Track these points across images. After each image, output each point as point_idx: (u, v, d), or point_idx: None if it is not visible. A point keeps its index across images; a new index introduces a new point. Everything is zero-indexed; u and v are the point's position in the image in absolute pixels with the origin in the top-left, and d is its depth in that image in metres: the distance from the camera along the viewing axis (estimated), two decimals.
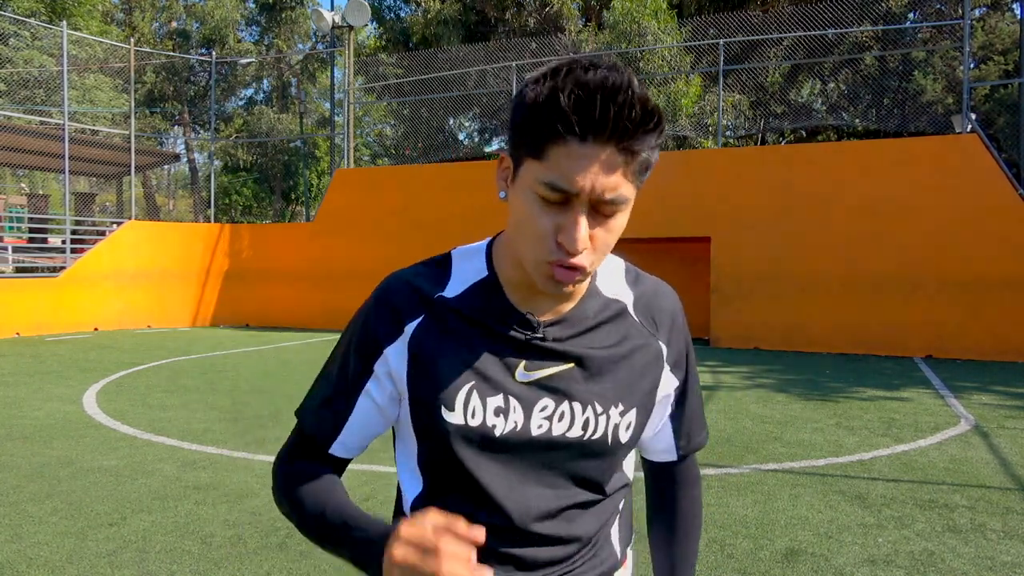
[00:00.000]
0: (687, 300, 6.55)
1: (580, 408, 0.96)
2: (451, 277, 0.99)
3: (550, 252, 0.86)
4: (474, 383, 0.95)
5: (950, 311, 11.34)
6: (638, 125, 0.81)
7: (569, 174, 0.82)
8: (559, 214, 0.85)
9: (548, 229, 0.86)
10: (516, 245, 0.92)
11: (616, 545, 1.07)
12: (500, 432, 0.94)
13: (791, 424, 6.47)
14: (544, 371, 0.96)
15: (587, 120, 0.80)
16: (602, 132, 0.80)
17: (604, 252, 0.89)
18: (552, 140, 0.82)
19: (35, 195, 23.90)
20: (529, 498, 0.96)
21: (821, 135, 21.49)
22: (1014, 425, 6.45)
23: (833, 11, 14.21)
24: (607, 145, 0.81)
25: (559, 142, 0.82)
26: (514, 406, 0.95)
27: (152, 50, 26.81)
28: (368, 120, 27.84)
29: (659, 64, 16.62)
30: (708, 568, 3.40)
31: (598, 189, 0.83)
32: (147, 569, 3.36)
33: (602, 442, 0.98)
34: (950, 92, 18.56)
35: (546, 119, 0.81)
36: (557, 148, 0.82)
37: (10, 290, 13.71)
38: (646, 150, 0.84)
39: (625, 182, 0.85)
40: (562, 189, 0.83)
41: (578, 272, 0.87)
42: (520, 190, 0.88)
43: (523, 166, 0.87)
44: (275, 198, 32.54)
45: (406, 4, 26.81)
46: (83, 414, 6.71)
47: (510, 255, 0.97)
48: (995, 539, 3.76)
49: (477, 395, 0.94)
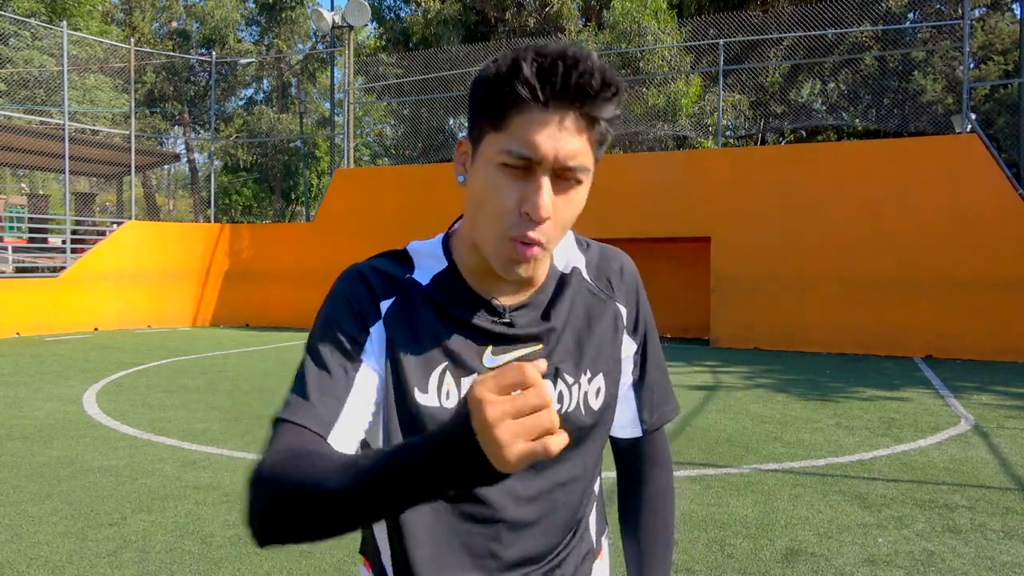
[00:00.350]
0: (687, 300, 6.59)
1: (551, 384, 0.96)
2: (415, 268, 0.99)
3: (512, 226, 0.86)
4: (446, 364, 0.93)
5: (950, 311, 11.34)
6: (598, 91, 0.83)
7: (531, 139, 0.83)
8: (522, 184, 0.85)
9: (511, 201, 0.85)
10: (476, 226, 0.91)
11: (593, 534, 1.07)
12: None
13: (791, 424, 6.47)
14: (512, 354, 0.96)
15: (549, 85, 0.82)
16: (564, 97, 0.82)
17: (563, 229, 0.90)
18: (514, 107, 0.83)
19: (35, 195, 23.90)
20: (511, 482, 0.94)
21: (821, 135, 21.48)
22: (1014, 425, 6.45)
23: (833, 11, 14.21)
24: (568, 111, 0.83)
25: (521, 109, 0.83)
26: None
27: (152, 50, 26.81)
28: (368, 120, 27.85)
29: (659, 64, 16.62)
30: (708, 568, 3.40)
31: (561, 155, 0.83)
32: (147, 569, 3.36)
33: (577, 413, 0.98)
34: (950, 92, 18.57)
35: (508, 87, 0.83)
36: (519, 116, 0.83)
37: (10, 290, 13.71)
38: (606, 117, 0.85)
39: (586, 150, 0.86)
40: (525, 155, 0.83)
41: (538, 247, 0.87)
42: (481, 166, 0.88)
43: (484, 141, 0.88)
44: (275, 198, 32.55)
45: (406, 4, 26.82)
46: (83, 414, 6.71)
47: (468, 244, 0.97)
48: (995, 539, 3.76)
49: (450, 376, 0.93)
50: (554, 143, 0.83)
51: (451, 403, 0.93)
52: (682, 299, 14.35)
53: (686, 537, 3.77)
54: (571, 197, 0.88)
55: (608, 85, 0.83)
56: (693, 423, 6.51)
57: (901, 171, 11.69)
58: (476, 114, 0.89)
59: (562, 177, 0.86)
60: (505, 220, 0.86)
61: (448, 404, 0.93)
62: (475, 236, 0.93)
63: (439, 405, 0.92)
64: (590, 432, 1.01)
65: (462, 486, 0.68)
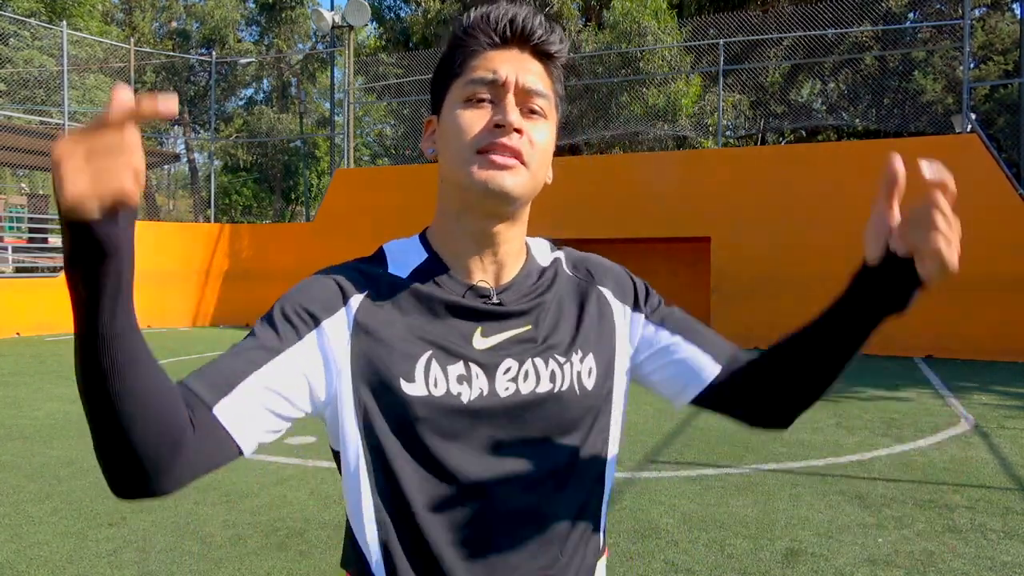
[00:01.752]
0: (687, 300, 6.60)
1: (543, 363, 0.95)
2: (389, 265, 0.98)
3: (482, 139, 0.89)
4: (432, 352, 0.91)
5: (950, 311, 11.33)
6: (544, 31, 0.93)
7: (493, 66, 0.91)
8: (488, 110, 0.90)
9: (480, 123, 0.90)
10: (449, 162, 0.93)
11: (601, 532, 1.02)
12: (467, 399, 0.90)
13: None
14: (501, 335, 0.95)
15: (498, 29, 0.92)
16: (514, 36, 0.92)
17: (538, 159, 0.92)
18: (473, 51, 0.92)
19: (35, 195, 23.91)
20: (507, 469, 0.91)
21: (821, 135, 21.48)
22: (1014, 425, 6.45)
23: (833, 11, 14.21)
24: (523, 48, 0.93)
25: (478, 52, 0.92)
26: (476, 372, 0.92)
27: (152, 50, 26.82)
28: (368, 120, 27.85)
29: (659, 64, 16.62)
30: (708, 568, 3.40)
31: (521, 79, 0.90)
32: (147, 569, 3.36)
33: (570, 392, 0.96)
34: (950, 92, 18.57)
35: (464, 36, 0.93)
36: (478, 56, 0.92)
37: (10, 290, 13.71)
38: (554, 51, 0.94)
39: (544, 78, 0.94)
40: (487, 80, 0.90)
41: (514, 158, 0.89)
42: (448, 112, 0.93)
43: (448, 95, 0.94)
44: (275, 198, 32.56)
45: (406, 4, 26.82)
46: (83, 414, 6.71)
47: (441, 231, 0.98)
48: (995, 539, 3.76)
49: (437, 364, 0.91)
50: (513, 67, 0.91)
51: (439, 391, 0.90)
52: (682, 299, 14.13)
53: (686, 537, 3.77)
54: (539, 127, 0.92)
55: (552, 26, 0.94)
56: (693, 423, 6.51)
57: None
58: (439, 80, 0.96)
59: (527, 106, 0.91)
60: (475, 137, 0.89)
61: (437, 392, 0.90)
62: (450, 174, 0.93)
63: (427, 393, 0.89)
64: (587, 413, 0.97)
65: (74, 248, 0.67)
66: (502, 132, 0.89)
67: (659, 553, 3.56)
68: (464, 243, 0.96)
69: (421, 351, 0.91)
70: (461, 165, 0.90)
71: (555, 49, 0.94)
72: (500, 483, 0.91)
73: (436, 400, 0.89)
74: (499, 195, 0.89)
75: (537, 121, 0.92)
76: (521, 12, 0.92)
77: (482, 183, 0.89)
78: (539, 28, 0.92)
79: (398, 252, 1.00)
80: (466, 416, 0.90)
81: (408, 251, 1.00)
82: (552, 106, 0.94)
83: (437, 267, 0.97)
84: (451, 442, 0.90)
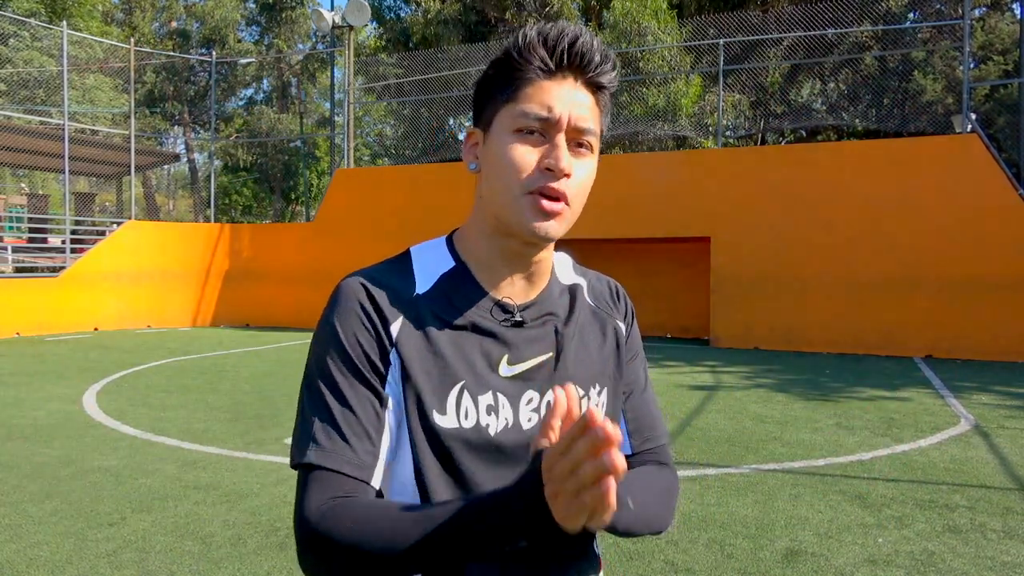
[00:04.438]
0: (687, 300, 6.60)
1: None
2: (416, 272, 0.98)
3: (533, 181, 0.90)
4: (464, 382, 0.92)
5: (950, 311, 11.34)
6: (600, 60, 0.92)
7: (546, 102, 0.90)
8: (539, 147, 0.90)
9: (531, 160, 0.90)
10: (494, 192, 0.93)
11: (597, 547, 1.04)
12: (494, 431, 0.92)
13: (791, 424, 6.47)
14: (526, 364, 0.96)
15: (556, 55, 0.90)
16: (571, 66, 0.91)
17: (582, 194, 0.93)
18: (526, 78, 0.91)
19: (35, 195, 23.90)
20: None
21: (821, 135, 21.47)
22: (1014, 425, 6.45)
23: (833, 11, 14.20)
24: (576, 78, 0.92)
25: (533, 79, 0.91)
26: (503, 402, 0.94)
27: (152, 50, 26.81)
28: (368, 120, 27.85)
29: (659, 64, 16.62)
30: (708, 568, 3.40)
31: (574, 116, 0.90)
32: (147, 569, 3.36)
33: None
34: (950, 92, 18.56)
35: (520, 60, 0.91)
36: (532, 84, 0.91)
37: (10, 290, 13.71)
38: (607, 84, 0.94)
39: (596, 114, 0.94)
40: (541, 116, 0.89)
41: (561, 202, 0.90)
42: (496, 137, 0.93)
43: (497, 117, 0.93)
44: (275, 198, 32.55)
45: (406, 4, 26.82)
46: (83, 414, 6.71)
47: (477, 235, 0.98)
48: (995, 539, 3.76)
49: (468, 395, 0.92)
50: (567, 105, 0.90)
51: (469, 423, 0.91)
52: (682, 299, 14.35)
53: (686, 537, 3.77)
54: (585, 164, 0.93)
55: (607, 56, 0.92)
56: (693, 423, 6.51)
57: (901, 171, 11.69)
58: (487, 95, 0.95)
59: (575, 141, 0.92)
60: (527, 175, 0.90)
61: (467, 424, 0.91)
62: (494, 203, 0.93)
63: (458, 426, 0.91)
64: None
65: (535, 540, 0.75)
66: (552, 177, 0.89)
67: (659, 553, 3.56)
68: (495, 258, 0.97)
69: (454, 381, 0.92)
70: (510, 203, 0.91)
71: (608, 81, 0.93)
72: None
73: (466, 432, 0.92)
74: (545, 239, 0.92)
75: (584, 156, 0.93)
76: (580, 36, 0.91)
77: (531, 230, 0.91)
78: (596, 56, 0.91)
79: (425, 255, 1.00)
80: (493, 447, 0.93)
81: (436, 257, 1.00)
82: (598, 139, 0.95)
83: (463, 277, 0.97)
84: (483, 471, 0.92)
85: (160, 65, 28.61)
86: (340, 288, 0.95)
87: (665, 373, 9.64)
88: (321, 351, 0.92)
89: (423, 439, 0.91)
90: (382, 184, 15.80)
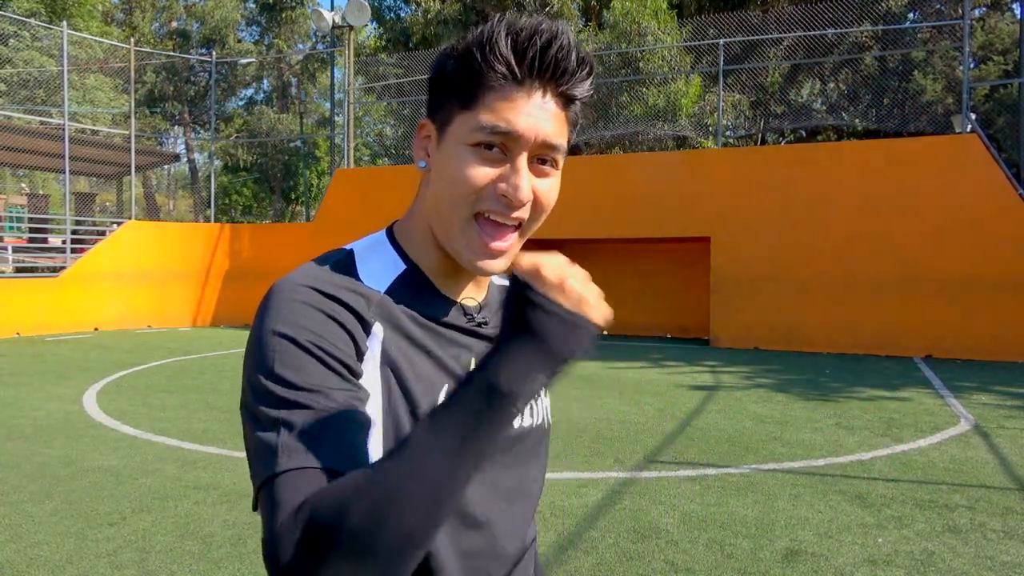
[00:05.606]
0: (687, 300, 6.62)
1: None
2: (362, 274, 0.85)
3: (483, 202, 0.80)
4: (447, 385, 0.84)
5: (950, 311, 11.33)
6: (575, 69, 0.80)
7: (509, 116, 0.78)
8: (497, 166, 0.80)
9: (485, 177, 0.79)
10: (439, 212, 0.83)
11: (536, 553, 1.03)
12: None
13: (791, 424, 6.47)
14: None
15: (525, 61, 0.78)
16: (541, 74, 0.79)
17: (539, 218, 0.84)
18: (488, 84, 0.79)
19: (35, 195, 23.91)
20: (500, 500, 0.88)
21: (821, 135, 21.48)
22: (1014, 425, 6.45)
23: (833, 11, 14.21)
24: (546, 89, 0.80)
25: (497, 86, 0.79)
26: None
27: (152, 50, 26.81)
28: (368, 120, 27.84)
29: (659, 64, 16.62)
30: (708, 568, 3.40)
31: (540, 134, 0.79)
32: (147, 569, 3.36)
33: (543, 425, 0.96)
34: (950, 92, 18.55)
35: (482, 63, 0.78)
36: (493, 93, 0.79)
37: (10, 290, 13.71)
38: (580, 96, 0.82)
39: (563, 130, 0.82)
40: (501, 131, 0.78)
41: (512, 234, 0.82)
42: (450, 147, 0.82)
43: (454, 122, 0.81)
44: (275, 198, 32.56)
45: (406, 4, 26.81)
46: (83, 414, 6.71)
47: (424, 239, 0.88)
48: (995, 539, 3.76)
49: None
50: (533, 121, 0.79)
51: None
52: (682, 299, 14.35)
53: (686, 537, 3.77)
54: (550, 183, 0.83)
55: (583, 62, 0.80)
56: (693, 423, 6.51)
57: (901, 171, 11.69)
58: (443, 92, 0.83)
59: (539, 158, 0.81)
60: (476, 199, 0.80)
61: None
62: (435, 225, 0.84)
63: None
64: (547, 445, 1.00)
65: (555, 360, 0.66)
66: (507, 206, 0.80)
67: (659, 553, 3.56)
68: (445, 261, 0.88)
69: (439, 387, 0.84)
70: (452, 227, 0.82)
71: (581, 93, 0.82)
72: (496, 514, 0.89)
73: None
74: (486, 276, 0.84)
75: (547, 175, 0.83)
76: (556, 39, 0.78)
77: (471, 265, 0.82)
78: (571, 66, 0.79)
79: (372, 258, 0.88)
80: None
81: (384, 258, 0.88)
82: (564, 154, 0.84)
83: (419, 280, 0.88)
84: None
85: (160, 65, 28.61)
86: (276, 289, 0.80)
87: (665, 373, 9.64)
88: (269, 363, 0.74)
89: None
90: (382, 184, 15.80)
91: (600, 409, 7.12)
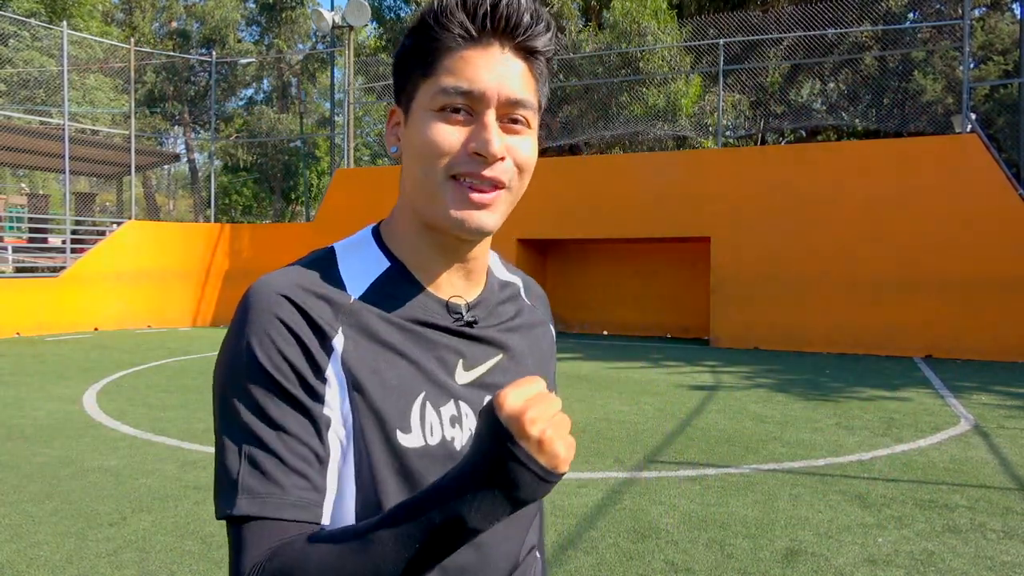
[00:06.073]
0: (687, 300, 6.62)
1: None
2: (344, 274, 0.84)
3: (457, 165, 0.78)
4: (425, 393, 0.81)
5: (950, 311, 11.34)
6: (530, 22, 0.79)
7: (470, 75, 0.77)
8: (465, 127, 0.78)
9: (454, 141, 0.78)
10: (415, 183, 0.81)
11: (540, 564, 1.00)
12: (460, 445, 0.83)
13: (791, 424, 6.47)
14: (481, 367, 0.88)
15: (479, 18, 0.77)
16: (495, 29, 0.78)
17: (522, 179, 0.82)
18: (447, 48, 0.78)
19: (35, 195, 23.90)
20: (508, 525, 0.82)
21: (821, 135, 21.48)
22: (1014, 425, 6.45)
23: (833, 11, 14.21)
24: (504, 43, 0.79)
25: (454, 48, 0.78)
26: (465, 411, 0.85)
27: (152, 50, 26.81)
28: (368, 120, 27.85)
29: (659, 64, 16.62)
30: (708, 568, 3.40)
31: (504, 89, 0.77)
32: (147, 569, 3.36)
33: None
34: (950, 92, 18.56)
35: (437, 27, 0.78)
36: (452, 54, 0.78)
37: (10, 290, 13.71)
38: (541, 48, 0.80)
39: (530, 83, 0.80)
40: (464, 90, 0.77)
41: (496, 190, 0.79)
42: (416, 118, 0.80)
43: (417, 94, 0.80)
44: (275, 198, 32.56)
45: (406, 4, 26.82)
46: (83, 414, 6.71)
47: (408, 232, 0.86)
48: (995, 539, 3.76)
49: (431, 407, 0.82)
50: (495, 76, 0.77)
51: (435, 439, 0.81)
52: (682, 299, 14.35)
53: (686, 537, 3.77)
54: (523, 140, 0.81)
55: (538, 14, 0.79)
56: (693, 423, 6.51)
57: (901, 171, 11.69)
58: (404, 70, 0.82)
59: (510, 118, 0.79)
60: (449, 162, 0.78)
61: (432, 441, 0.81)
62: (417, 201, 0.82)
63: (424, 444, 0.81)
64: None
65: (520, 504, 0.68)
66: (482, 163, 0.78)
67: (659, 553, 3.56)
68: (430, 256, 0.86)
69: (415, 393, 0.81)
70: (432, 194, 0.79)
71: (542, 45, 0.80)
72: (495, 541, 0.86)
73: (432, 450, 0.81)
74: (477, 234, 0.80)
75: (519, 133, 0.80)
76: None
77: (458, 223, 0.79)
78: (525, 18, 0.78)
79: (355, 257, 0.86)
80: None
81: (367, 256, 0.87)
82: (535, 113, 0.82)
83: (403, 278, 0.85)
84: None
85: (160, 65, 28.61)
86: (253, 298, 0.79)
87: (665, 373, 9.64)
88: (236, 377, 0.76)
89: (386, 463, 0.79)
90: (382, 184, 15.80)
91: (600, 409, 7.12)
